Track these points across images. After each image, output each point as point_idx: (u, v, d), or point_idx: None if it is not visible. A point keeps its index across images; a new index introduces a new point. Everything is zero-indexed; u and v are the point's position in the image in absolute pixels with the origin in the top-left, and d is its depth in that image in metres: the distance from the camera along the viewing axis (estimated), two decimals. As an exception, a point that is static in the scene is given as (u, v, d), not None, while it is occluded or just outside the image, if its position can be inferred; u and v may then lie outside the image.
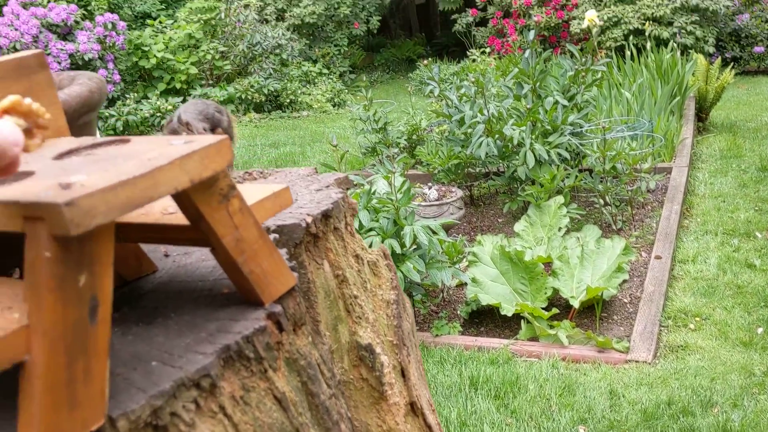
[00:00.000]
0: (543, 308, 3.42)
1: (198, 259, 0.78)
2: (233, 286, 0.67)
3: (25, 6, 9.36)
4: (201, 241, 0.61)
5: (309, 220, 0.84)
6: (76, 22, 9.34)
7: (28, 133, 0.47)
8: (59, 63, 8.91)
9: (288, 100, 9.81)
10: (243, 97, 9.43)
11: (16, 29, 8.80)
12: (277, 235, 0.80)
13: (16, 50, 8.74)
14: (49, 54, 8.93)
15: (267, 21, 11.44)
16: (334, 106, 10.21)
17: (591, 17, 6.07)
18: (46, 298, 0.46)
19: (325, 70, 11.29)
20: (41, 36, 8.93)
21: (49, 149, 0.61)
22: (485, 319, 3.62)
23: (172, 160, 0.51)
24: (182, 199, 0.56)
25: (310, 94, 10.20)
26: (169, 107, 8.82)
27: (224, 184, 0.58)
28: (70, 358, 0.48)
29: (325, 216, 0.88)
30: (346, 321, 0.93)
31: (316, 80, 10.83)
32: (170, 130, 0.82)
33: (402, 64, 14.03)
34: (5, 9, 9.24)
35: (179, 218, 0.60)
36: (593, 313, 3.51)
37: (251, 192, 0.68)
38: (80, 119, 0.78)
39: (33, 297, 0.47)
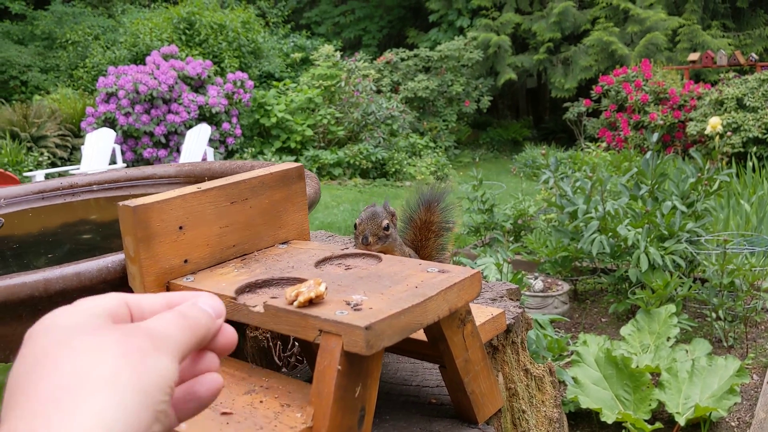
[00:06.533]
0: (645, 420, 3.29)
1: (395, 359, 0.84)
2: (439, 396, 0.72)
3: (165, 58, 10.15)
4: (429, 356, 0.67)
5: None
6: (209, 77, 10.02)
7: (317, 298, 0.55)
8: (189, 113, 9.54)
9: (393, 169, 10.04)
10: (351, 162, 9.74)
11: (155, 78, 9.53)
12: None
13: (152, 97, 9.44)
14: (180, 104, 9.59)
15: (382, 92, 11.88)
16: (436, 179, 10.35)
17: (715, 123, 5.97)
18: (331, 405, 0.53)
19: (431, 143, 11.52)
20: (176, 86, 9.62)
21: (305, 253, 0.69)
22: (581, 423, 3.51)
23: (438, 292, 0.58)
24: (428, 319, 0.62)
25: (414, 165, 10.40)
26: (282, 164, 9.23)
27: (464, 310, 0.64)
28: (340, 459, 0.54)
29: (507, 329, 0.92)
30: (511, 433, 0.95)
31: (421, 152, 11.06)
32: (372, 213, 0.89)
33: (507, 144, 14.14)
34: (148, 59, 10.05)
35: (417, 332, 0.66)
36: (698, 432, 3.33)
37: (473, 313, 0.74)
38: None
39: (319, 402, 0.54)
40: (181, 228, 0.68)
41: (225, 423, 0.56)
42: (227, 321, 0.63)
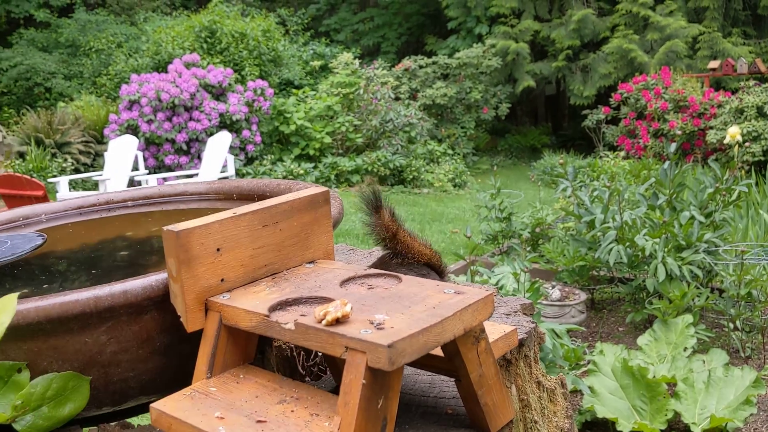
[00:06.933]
0: (661, 430, 3.31)
1: (413, 372, 0.90)
2: (455, 407, 0.77)
3: (187, 66, 10.30)
4: (445, 371, 0.72)
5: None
6: (230, 85, 10.15)
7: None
8: (210, 120, 9.67)
9: (411, 177, 10.09)
10: (369, 169, 9.81)
11: (177, 86, 9.68)
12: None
13: (174, 105, 9.59)
14: (202, 111, 9.73)
15: (400, 99, 11.95)
16: (454, 186, 10.38)
17: (734, 133, 5.95)
18: (356, 415, 0.59)
19: (449, 150, 11.55)
20: (197, 94, 9.76)
21: (330, 273, 0.75)
22: None
23: (455, 312, 0.63)
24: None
25: (432, 173, 10.44)
26: (301, 171, 9.32)
27: (478, 328, 0.69)
28: (365, 464, 0.60)
29: (520, 344, 0.98)
30: (524, 442, 1.00)
31: (439, 159, 11.09)
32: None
33: (525, 151, 14.13)
34: (170, 67, 10.21)
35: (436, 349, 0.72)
36: (715, 443, 3.34)
37: (486, 330, 0.79)
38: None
39: (345, 412, 0.60)
40: (218, 250, 0.75)
41: (260, 430, 0.62)
42: (260, 335, 0.69)
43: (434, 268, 1.01)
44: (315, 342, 0.65)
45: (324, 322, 0.65)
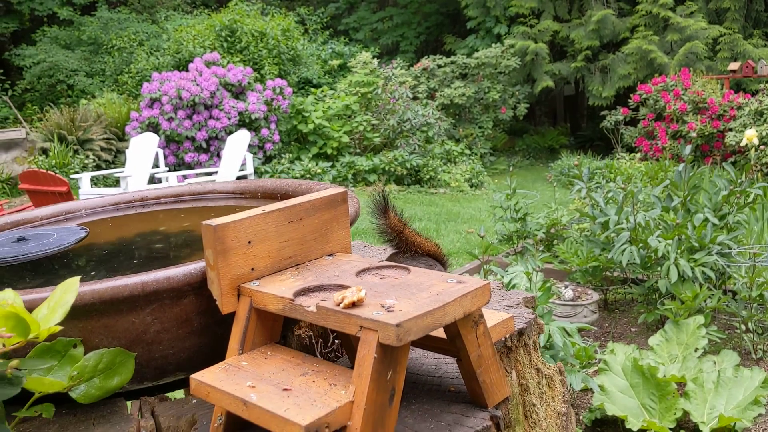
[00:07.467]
0: (670, 429, 3.37)
1: (421, 355, 0.99)
2: (458, 386, 0.87)
3: (208, 65, 10.46)
4: (448, 351, 0.81)
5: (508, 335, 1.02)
6: (249, 84, 10.29)
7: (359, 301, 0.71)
8: (229, 119, 9.82)
9: (428, 176, 10.16)
10: (386, 168, 9.90)
11: (198, 84, 9.84)
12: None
13: (195, 103, 9.74)
14: (221, 110, 9.88)
15: (418, 98, 12.02)
16: (471, 186, 10.43)
17: (750, 136, 5.96)
18: (368, 385, 0.68)
19: (466, 150, 11.60)
20: (217, 93, 9.91)
21: (347, 264, 0.84)
22: (607, 430, 3.60)
23: (455, 298, 0.73)
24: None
25: (449, 172, 10.50)
26: (318, 170, 9.43)
27: (477, 313, 0.78)
28: (374, 428, 0.69)
29: (520, 333, 1.07)
30: (523, 424, 1.09)
31: (456, 159, 11.14)
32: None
33: (543, 151, 14.14)
34: (190, 66, 10.37)
35: (438, 331, 0.81)
36: (724, 442, 3.39)
37: (486, 317, 0.88)
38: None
39: (359, 382, 0.69)
40: (249, 243, 0.85)
41: (286, 396, 0.72)
42: (285, 318, 0.79)
43: (438, 259, 1.15)
44: (333, 322, 0.75)
45: (342, 305, 0.75)
